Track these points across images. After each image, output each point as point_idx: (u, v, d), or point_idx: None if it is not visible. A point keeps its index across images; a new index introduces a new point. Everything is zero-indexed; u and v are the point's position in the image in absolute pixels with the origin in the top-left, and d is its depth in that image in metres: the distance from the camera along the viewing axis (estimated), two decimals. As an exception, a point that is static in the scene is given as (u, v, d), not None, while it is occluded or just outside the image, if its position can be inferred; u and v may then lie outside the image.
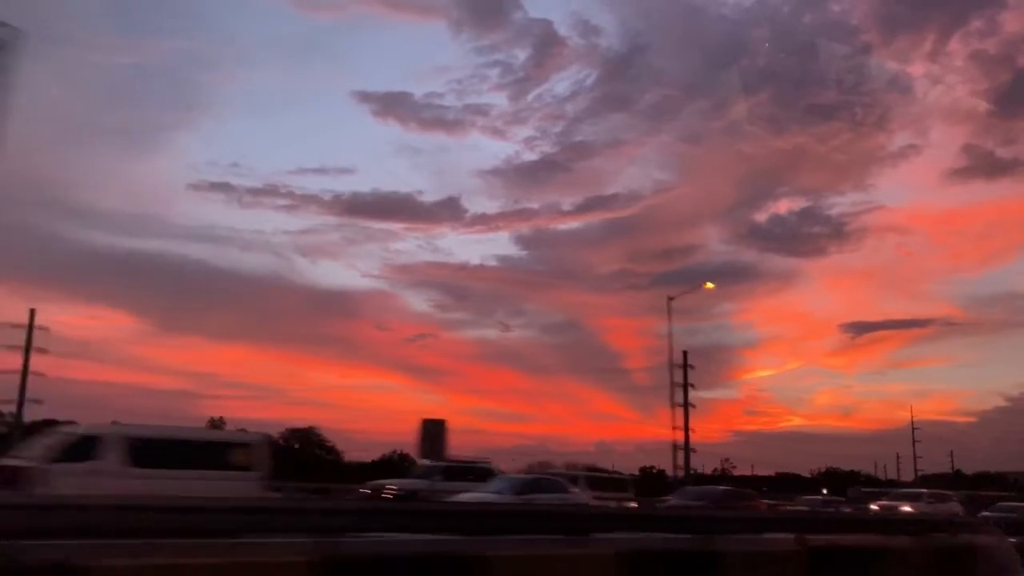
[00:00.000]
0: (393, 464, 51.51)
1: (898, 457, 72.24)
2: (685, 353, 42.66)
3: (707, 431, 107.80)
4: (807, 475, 76.67)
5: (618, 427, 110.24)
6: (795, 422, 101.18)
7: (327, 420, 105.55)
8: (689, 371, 42.27)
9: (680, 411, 41.38)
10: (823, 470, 77.88)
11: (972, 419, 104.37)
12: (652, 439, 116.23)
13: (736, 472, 75.63)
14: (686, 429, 41.11)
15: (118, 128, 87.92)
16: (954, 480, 63.98)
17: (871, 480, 71.08)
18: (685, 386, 41.82)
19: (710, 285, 45.57)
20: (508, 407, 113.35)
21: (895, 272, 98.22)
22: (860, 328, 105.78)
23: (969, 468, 74.10)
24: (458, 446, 32.81)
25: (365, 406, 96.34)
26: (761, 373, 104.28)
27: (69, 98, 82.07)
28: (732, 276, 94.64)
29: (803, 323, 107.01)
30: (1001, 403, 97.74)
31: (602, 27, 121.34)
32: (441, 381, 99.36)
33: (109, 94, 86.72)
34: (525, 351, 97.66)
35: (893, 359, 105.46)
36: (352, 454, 60.53)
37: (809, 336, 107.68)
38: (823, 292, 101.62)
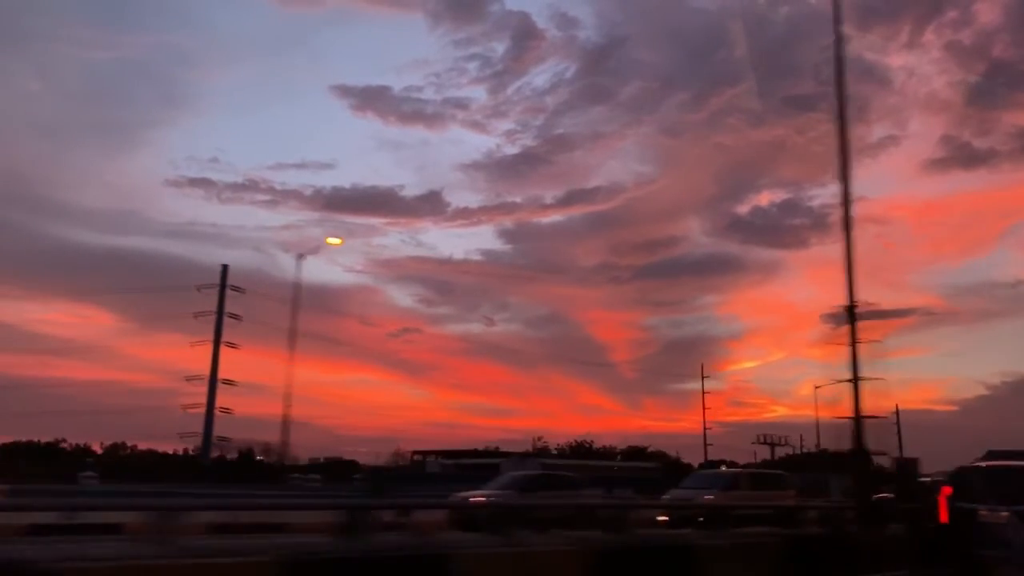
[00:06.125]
0: None
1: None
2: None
3: (691, 422, 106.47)
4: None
5: (604, 420, 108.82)
6: (779, 412, 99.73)
7: (312, 416, 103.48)
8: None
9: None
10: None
11: (953, 408, 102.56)
12: (638, 431, 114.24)
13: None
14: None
15: (98, 124, 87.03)
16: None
17: None
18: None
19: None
20: (494, 401, 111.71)
21: (876, 263, 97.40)
22: (843, 319, 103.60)
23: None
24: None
25: (350, 402, 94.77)
26: (745, 364, 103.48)
27: (48, 94, 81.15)
28: (715, 268, 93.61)
29: (786, 314, 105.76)
30: (982, 391, 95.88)
31: (580, 19, 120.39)
32: (426, 376, 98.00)
33: (89, 89, 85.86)
34: (510, 345, 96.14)
35: (875, 349, 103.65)
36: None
37: (792, 327, 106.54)
38: (806, 283, 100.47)
